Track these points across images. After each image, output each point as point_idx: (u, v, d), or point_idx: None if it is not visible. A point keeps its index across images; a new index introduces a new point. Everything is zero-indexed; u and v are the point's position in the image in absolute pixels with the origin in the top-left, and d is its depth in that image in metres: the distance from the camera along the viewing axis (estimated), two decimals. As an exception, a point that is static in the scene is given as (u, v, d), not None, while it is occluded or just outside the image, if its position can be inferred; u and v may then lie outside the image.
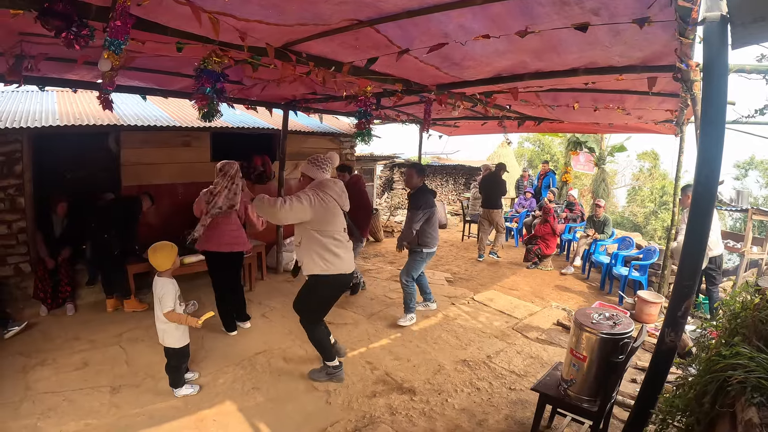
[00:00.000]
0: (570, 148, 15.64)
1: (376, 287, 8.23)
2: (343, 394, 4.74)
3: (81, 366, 5.14)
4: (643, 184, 28.86)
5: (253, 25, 3.26)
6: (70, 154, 9.04)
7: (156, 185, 7.93)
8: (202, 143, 8.97)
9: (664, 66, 3.97)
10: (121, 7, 2.68)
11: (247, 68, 4.48)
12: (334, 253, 4.54)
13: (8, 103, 8.50)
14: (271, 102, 7.74)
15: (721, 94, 2.39)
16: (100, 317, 6.54)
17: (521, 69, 4.50)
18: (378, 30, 3.46)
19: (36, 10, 2.59)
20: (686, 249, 2.63)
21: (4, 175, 6.87)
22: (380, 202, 19.01)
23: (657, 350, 2.77)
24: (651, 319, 6.75)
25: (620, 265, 8.63)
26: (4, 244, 6.99)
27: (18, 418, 4.15)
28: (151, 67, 5.01)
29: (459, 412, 4.51)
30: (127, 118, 7.98)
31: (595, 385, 3.60)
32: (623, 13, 2.84)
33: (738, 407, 2.03)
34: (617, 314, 3.74)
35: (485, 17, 3.08)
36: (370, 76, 4.75)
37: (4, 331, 5.71)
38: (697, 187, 2.52)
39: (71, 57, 4.08)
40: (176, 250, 4.53)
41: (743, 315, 2.69)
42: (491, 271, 9.87)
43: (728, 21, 2.30)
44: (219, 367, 5.21)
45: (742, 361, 2.17)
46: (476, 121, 9.12)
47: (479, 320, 6.85)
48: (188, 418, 4.28)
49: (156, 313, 4.44)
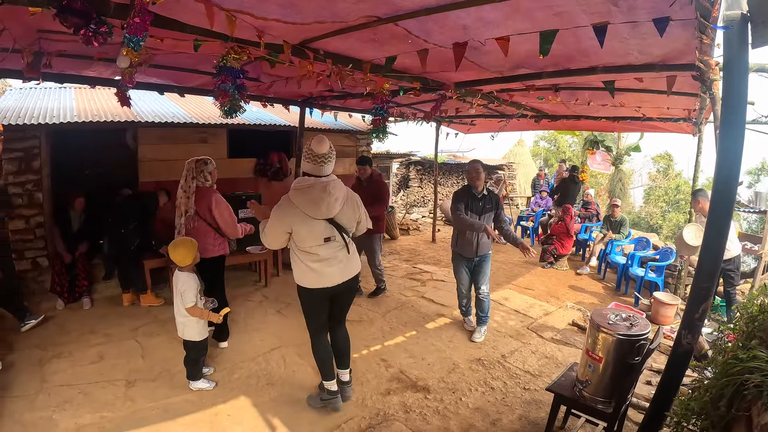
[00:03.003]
0: (587, 147, 15.53)
1: (392, 285, 8.20)
2: (357, 391, 4.73)
3: (97, 359, 5.18)
4: (659, 185, 28.66)
5: (270, 24, 3.27)
6: (88, 150, 9.13)
7: (173, 181, 7.98)
8: (219, 140, 9.03)
9: (683, 65, 3.93)
10: (140, 4, 2.69)
11: (265, 65, 4.49)
12: (310, 268, 4.03)
13: (26, 99, 8.62)
14: (288, 99, 7.76)
15: (741, 94, 2.37)
16: (116, 311, 6.59)
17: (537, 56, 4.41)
18: (396, 23, 3.45)
19: (54, 7, 2.61)
20: (705, 250, 2.60)
21: (22, 170, 6.96)
22: (396, 199, 18.99)
23: (673, 352, 2.75)
24: (667, 321, 6.68)
25: (636, 265, 8.56)
26: (22, 238, 7.08)
27: (34, 410, 4.19)
28: (169, 64, 5.03)
29: (473, 411, 4.49)
30: (144, 114, 8.06)
31: (611, 386, 3.57)
32: (642, 6, 2.81)
33: (754, 411, 2.02)
34: (634, 315, 3.71)
35: (505, 5, 3.05)
36: (389, 74, 4.74)
37: (21, 324, 5.76)
38: (717, 187, 2.49)
39: (89, 54, 4.10)
40: (196, 245, 4.55)
41: (761, 318, 2.67)
42: (506, 270, 9.81)
43: (749, 20, 2.28)
44: (234, 362, 5.24)
45: (759, 364, 2.15)
46: (492, 119, 9.09)
47: (494, 319, 6.81)
48: (203, 412, 4.30)
49: (176, 307, 4.47)
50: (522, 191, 20.50)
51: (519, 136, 23.85)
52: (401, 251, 11.28)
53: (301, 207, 3.87)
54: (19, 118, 6.80)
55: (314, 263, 4.02)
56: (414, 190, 19.34)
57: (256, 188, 9.42)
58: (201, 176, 5.12)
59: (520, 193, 20.37)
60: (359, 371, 5.12)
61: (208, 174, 5.16)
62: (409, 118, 9.86)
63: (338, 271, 4.12)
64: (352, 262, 4.26)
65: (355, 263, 4.31)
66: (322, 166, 3.93)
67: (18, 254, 7.02)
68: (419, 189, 19.22)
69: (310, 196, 3.88)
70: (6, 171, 6.90)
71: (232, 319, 6.02)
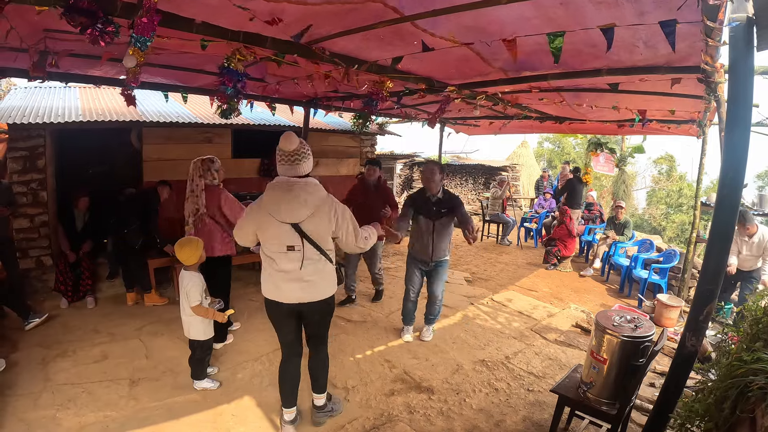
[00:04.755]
0: (590, 148, 15.52)
1: (395, 285, 8.22)
2: (361, 392, 4.74)
3: (100, 358, 5.19)
4: (662, 187, 28.65)
5: (282, 6, 3.19)
6: (92, 149, 9.17)
7: (177, 181, 8.00)
8: (224, 140, 9.06)
9: (688, 67, 3.92)
10: (148, 4, 2.69)
11: (270, 66, 4.49)
12: (270, 276, 3.72)
13: (31, 98, 8.65)
14: (293, 99, 7.77)
15: (746, 96, 2.37)
16: (120, 310, 6.61)
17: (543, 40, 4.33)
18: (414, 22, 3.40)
19: (61, 6, 2.61)
20: (710, 251, 2.61)
21: (26, 169, 6.99)
22: (400, 200, 18.99)
23: (677, 354, 2.75)
24: (670, 323, 6.69)
25: (640, 267, 8.55)
26: (26, 237, 7.11)
27: (37, 408, 4.20)
28: (174, 63, 5.03)
29: (477, 412, 4.49)
30: (149, 114, 8.08)
31: (615, 388, 3.57)
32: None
33: (758, 413, 2.02)
34: (638, 317, 3.71)
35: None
36: (394, 75, 4.73)
37: (24, 323, 5.77)
38: (722, 190, 2.50)
39: (95, 54, 4.10)
40: (202, 244, 4.55)
41: (765, 320, 2.67)
42: (510, 272, 9.83)
43: (754, 23, 2.28)
44: (238, 362, 5.24)
45: (763, 366, 2.15)
46: (497, 120, 9.08)
47: (498, 320, 6.83)
48: (207, 412, 4.30)
49: (182, 306, 4.47)
50: (525, 193, 20.48)
51: (523, 137, 23.85)
52: (404, 252, 11.23)
53: (265, 206, 3.58)
54: (24, 117, 6.82)
55: (274, 272, 3.66)
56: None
57: (260, 188, 9.29)
58: (209, 174, 5.17)
59: (524, 194, 20.36)
60: (363, 372, 5.14)
61: (215, 172, 5.22)
62: (414, 119, 9.86)
63: (298, 289, 3.67)
64: (321, 284, 3.77)
65: (325, 286, 3.81)
66: (292, 165, 3.58)
67: (22, 253, 7.04)
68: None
69: (272, 194, 3.59)
70: (11, 170, 6.93)
71: (235, 319, 6.04)
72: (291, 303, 3.70)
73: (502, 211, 12.83)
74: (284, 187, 3.57)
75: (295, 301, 3.69)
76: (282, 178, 3.64)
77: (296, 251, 3.59)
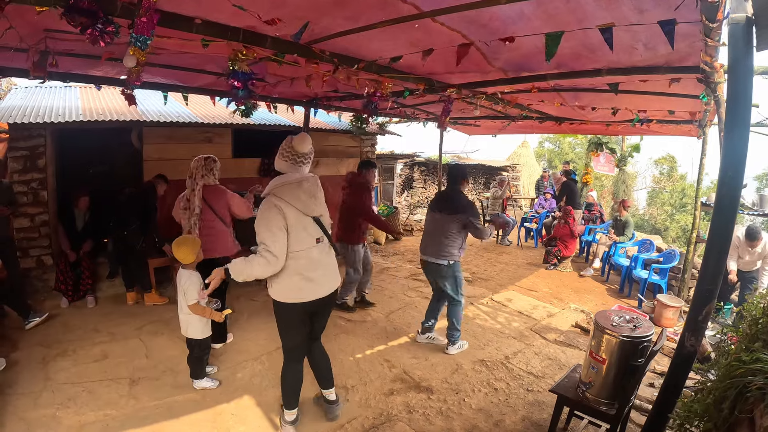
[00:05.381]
0: (590, 148, 15.53)
1: (395, 285, 8.23)
2: (360, 392, 4.75)
3: (100, 358, 5.20)
4: (663, 187, 28.65)
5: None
6: (93, 149, 9.15)
7: (178, 180, 7.99)
8: (224, 140, 9.05)
9: (688, 67, 3.92)
10: (148, 3, 2.70)
11: (270, 65, 4.49)
12: (303, 276, 3.66)
13: (32, 98, 8.65)
14: (293, 99, 7.78)
15: (745, 96, 2.36)
16: (121, 310, 6.62)
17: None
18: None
19: (61, 6, 2.61)
20: (709, 251, 2.60)
21: (27, 169, 6.98)
22: (400, 200, 19.01)
23: (677, 354, 2.75)
24: (670, 323, 6.69)
25: (640, 268, 8.55)
26: (26, 236, 7.10)
27: (38, 407, 4.20)
28: (175, 63, 5.04)
29: (476, 412, 4.50)
30: (149, 114, 8.08)
31: (614, 388, 3.57)
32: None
33: (757, 413, 2.02)
34: (637, 317, 3.72)
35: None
36: (394, 74, 4.73)
37: (25, 322, 5.78)
38: (721, 189, 2.49)
39: (95, 53, 4.10)
40: (199, 243, 4.55)
41: (764, 320, 2.66)
42: (510, 272, 9.84)
43: (753, 23, 2.28)
44: (237, 361, 5.25)
45: (762, 366, 2.15)
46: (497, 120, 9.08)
47: (498, 320, 6.83)
48: (207, 411, 4.31)
49: (180, 305, 4.47)
50: (526, 193, 20.51)
51: (523, 137, 23.85)
52: (405, 252, 11.29)
53: (293, 202, 3.54)
54: (25, 116, 6.81)
55: (306, 270, 3.63)
56: (418, 191, 19.38)
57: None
58: (211, 174, 5.20)
59: (524, 194, 20.37)
60: (363, 371, 5.14)
61: (217, 171, 5.26)
62: (414, 119, 9.86)
63: (327, 279, 3.79)
64: (337, 274, 3.97)
65: (338, 273, 3.99)
66: (302, 166, 3.72)
67: (23, 252, 7.03)
68: (423, 190, 19.28)
69: (289, 191, 3.57)
70: (11, 169, 6.92)
71: (235, 318, 6.05)
72: (318, 298, 3.73)
73: (502, 211, 12.82)
74: (296, 184, 3.63)
75: (324, 292, 3.78)
76: (291, 175, 3.68)
77: (322, 242, 3.76)
